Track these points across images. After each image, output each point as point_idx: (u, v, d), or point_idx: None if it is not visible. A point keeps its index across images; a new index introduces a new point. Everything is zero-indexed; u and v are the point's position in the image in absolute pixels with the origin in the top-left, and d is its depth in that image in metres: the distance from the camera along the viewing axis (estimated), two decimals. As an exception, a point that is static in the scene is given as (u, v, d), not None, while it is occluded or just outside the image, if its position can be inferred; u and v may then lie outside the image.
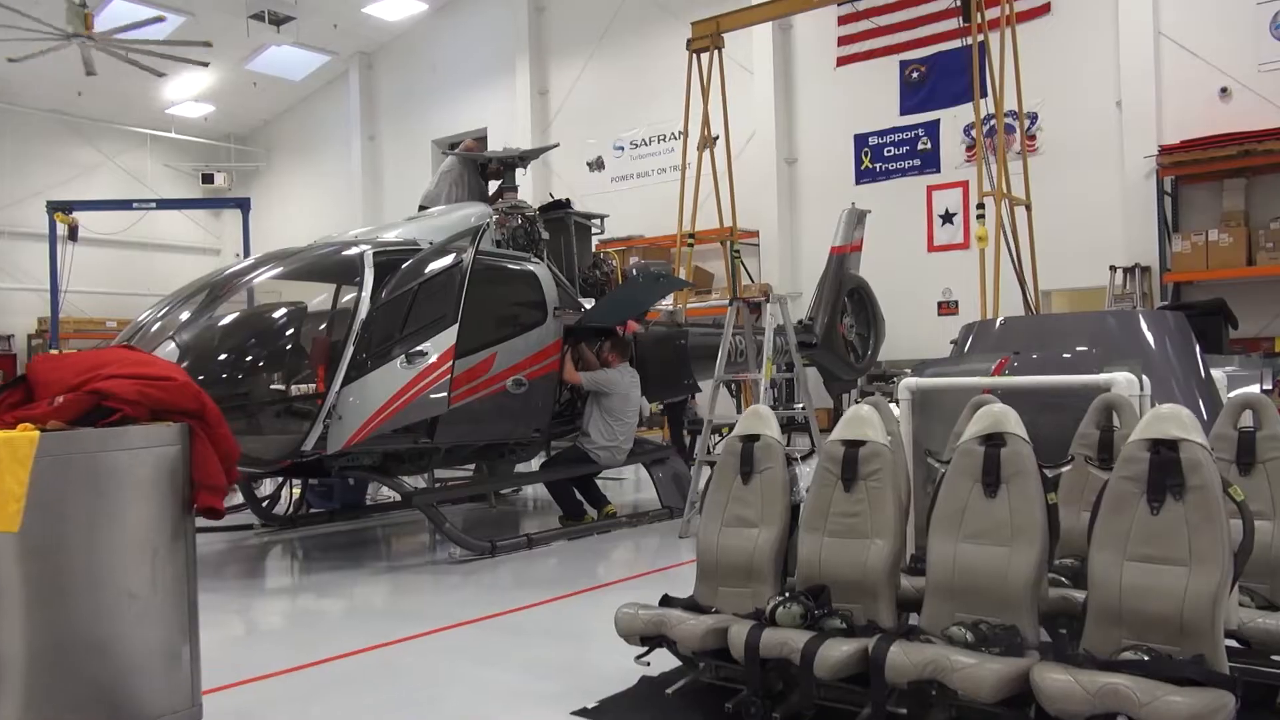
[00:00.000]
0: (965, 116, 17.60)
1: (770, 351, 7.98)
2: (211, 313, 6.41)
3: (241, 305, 6.57)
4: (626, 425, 8.29)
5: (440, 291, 6.70)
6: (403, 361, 6.40)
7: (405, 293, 6.64)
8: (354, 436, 6.28)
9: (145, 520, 3.04)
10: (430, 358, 6.46)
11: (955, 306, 17.94)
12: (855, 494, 3.80)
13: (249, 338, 6.38)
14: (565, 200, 9.50)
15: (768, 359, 7.94)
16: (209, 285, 6.71)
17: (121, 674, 2.88)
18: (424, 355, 6.45)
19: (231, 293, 6.55)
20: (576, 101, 23.25)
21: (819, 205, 19.44)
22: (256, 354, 6.35)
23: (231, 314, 6.47)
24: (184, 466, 3.13)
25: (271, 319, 6.61)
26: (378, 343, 6.50)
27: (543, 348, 7.72)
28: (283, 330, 6.59)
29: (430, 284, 6.68)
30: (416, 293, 6.62)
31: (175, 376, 3.11)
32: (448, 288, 6.70)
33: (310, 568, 7.02)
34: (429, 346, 6.49)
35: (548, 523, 8.52)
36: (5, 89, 25.27)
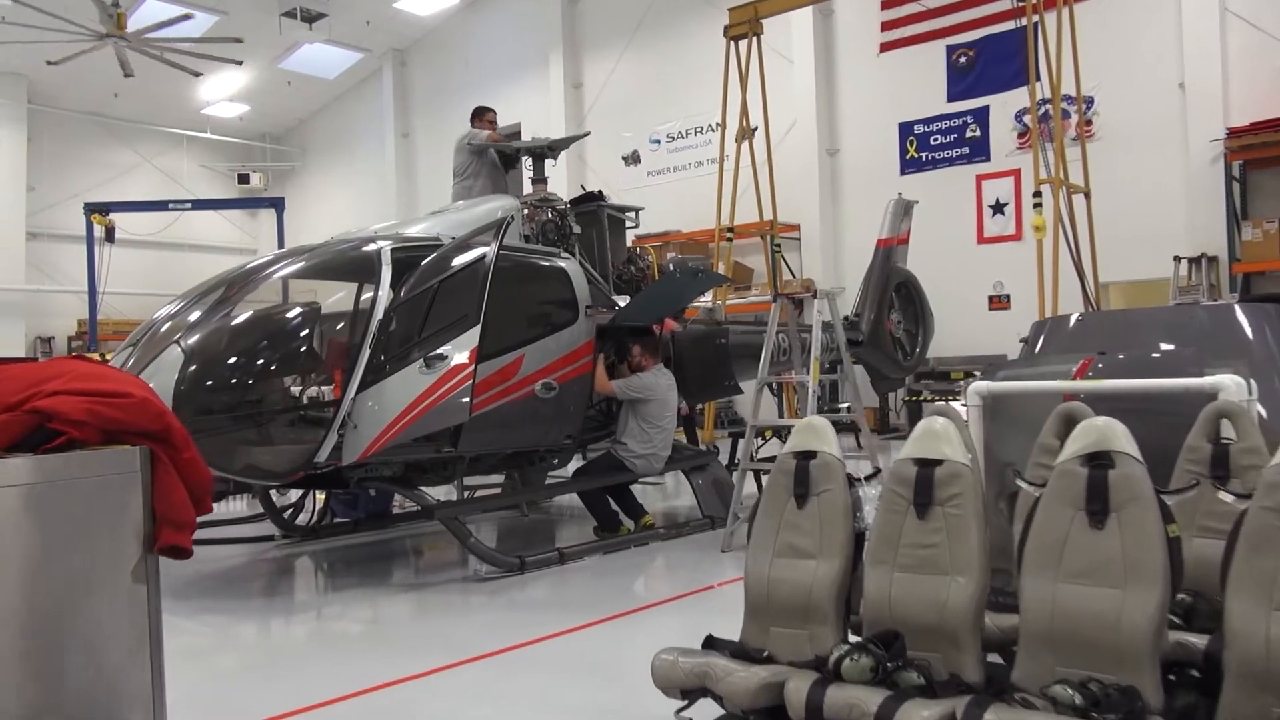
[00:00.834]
0: (1016, 102, 16.87)
1: (818, 350, 7.41)
2: (219, 315, 6.01)
3: (252, 306, 6.15)
4: (664, 431, 7.78)
5: (461, 290, 6.24)
6: (421, 366, 5.95)
7: (424, 292, 6.19)
8: (370, 447, 5.84)
9: (97, 563, 2.58)
10: (451, 361, 6.00)
11: (1007, 301, 17.20)
12: (931, 522, 3.25)
13: (258, 341, 5.97)
14: (598, 192, 9.01)
15: (814, 358, 7.38)
16: (217, 286, 6.31)
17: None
18: (444, 359, 6.00)
19: (241, 293, 6.14)
20: (611, 94, 22.80)
21: (862, 197, 18.79)
22: (266, 358, 5.94)
23: (240, 316, 6.06)
24: (144, 498, 2.66)
25: (282, 321, 6.20)
26: (395, 346, 6.06)
27: (574, 349, 7.23)
28: (294, 333, 6.17)
29: (451, 282, 6.23)
30: (436, 291, 6.17)
31: (133, 392, 2.64)
32: (469, 286, 6.24)
33: (327, 586, 6.60)
34: (449, 349, 6.04)
35: (582, 533, 8.05)
36: (43, 92, 25.40)
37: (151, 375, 5.65)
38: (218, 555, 7.72)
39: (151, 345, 5.88)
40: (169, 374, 5.61)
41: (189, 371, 5.64)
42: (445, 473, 6.91)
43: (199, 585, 6.78)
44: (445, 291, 6.20)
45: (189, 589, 6.67)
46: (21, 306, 25.10)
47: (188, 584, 6.82)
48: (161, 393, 5.41)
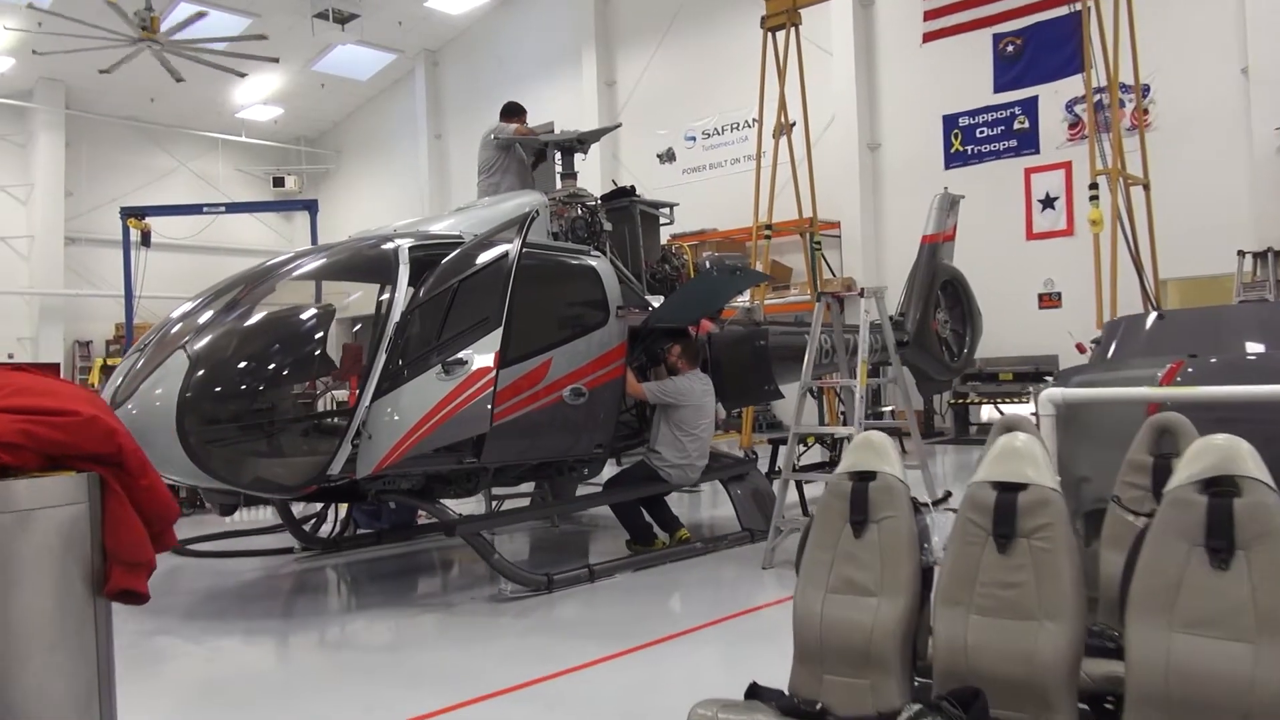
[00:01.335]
0: (1067, 91, 16.18)
1: (865, 353, 6.92)
2: (228, 318, 5.67)
3: (264, 309, 5.80)
4: (700, 439, 7.34)
5: (483, 290, 5.84)
6: (439, 372, 5.56)
7: (443, 292, 5.80)
8: (386, 458, 5.46)
9: (34, 613, 2.20)
10: (471, 366, 5.61)
11: (1058, 299, 16.52)
12: (1014, 556, 2.78)
13: (268, 346, 5.62)
14: (630, 188, 8.59)
15: (863, 361, 6.89)
16: (228, 288, 5.98)
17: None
18: (464, 364, 5.61)
19: (251, 295, 5.80)
20: (645, 91, 22.38)
21: (904, 193, 18.19)
22: (277, 364, 5.59)
23: (250, 319, 5.71)
24: (92, 534, 2.27)
25: (294, 324, 5.85)
26: (413, 350, 5.69)
27: (604, 352, 6.81)
28: (307, 337, 5.82)
29: (471, 282, 5.83)
30: (456, 292, 5.78)
31: (79, 409, 2.25)
32: (491, 286, 5.85)
33: (346, 605, 6.24)
34: (470, 353, 5.65)
35: (614, 546, 7.63)
36: (80, 98, 25.56)
37: (157, 382, 5.33)
38: (234, 569, 7.42)
39: (158, 351, 5.56)
40: (174, 381, 5.28)
41: (195, 378, 5.31)
42: (469, 485, 6.52)
43: (212, 602, 6.46)
44: (465, 292, 5.80)
45: (201, 607, 6.35)
46: (61, 311, 25.27)
47: (200, 601, 6.50)
48: (166, 401, 5.08)
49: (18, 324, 24.60)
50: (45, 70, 23.69)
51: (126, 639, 5.73)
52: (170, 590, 6.93)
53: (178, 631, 5.68)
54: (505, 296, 5.70)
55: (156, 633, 5.67)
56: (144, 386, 5.31)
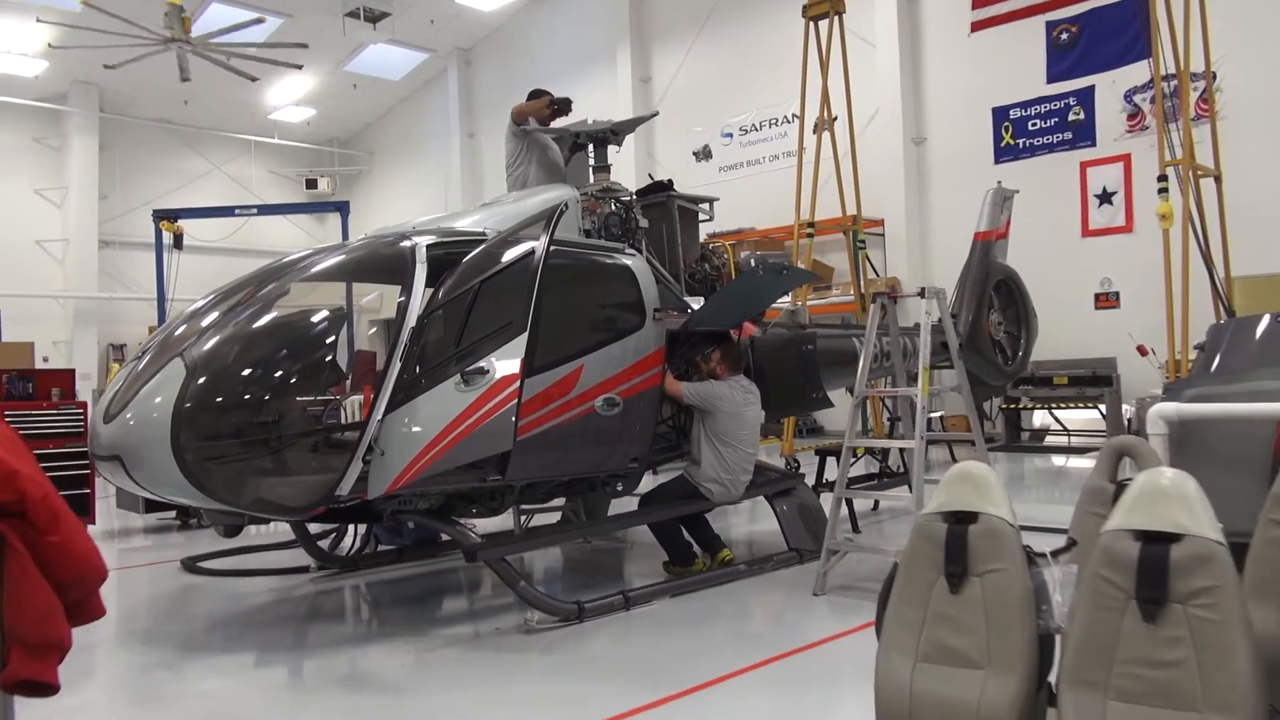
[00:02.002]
0: (1126, 80, 15.39)
1: (927, 357, 6.31)
2: (230, 323, 5.19)
3: (269, 312, 5.32)
4: (742, 452, 6.76)
5: (506, 291, 5.32)
6: (458, 382, 5.04)
7: (463, 294, 5.28)
8: (400, 477, 4.95)
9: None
10: (493, 375, 5.08)
11: (1116, 299, 15.70)
12: (1166, 628, 2.19)
13: (273, 353, 5.13)
14: (667, 182, 8.03)
15: (924, 368, 6.28)
16: (234, 289, 5.51)
17: None
18: (485, 373, 5.08)
19: (256, 298, 5.32)
20: (681, 87, 21.82)
21: (951, 190, 17.47)
22: (282, 374, 5.10)
23: (255, 324, 5.23)
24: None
25: (301, 330, 5.34)
26: (430, 358, 5.18)
27: (640, 358, 6.26)
28: (315, 343, 5.31)
29: (494, 283, 5.31)
30: (477, 294, 5.26)
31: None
32: (516, 286, 5.32)
33: (360, 634, 5.72)
34: (492, 361, 5.13)
35: (650, 567, 7.09)
36: (114, 101, 25.53)
37: (151, 393, 4.86)
38: (245, 589, 6.96)
39: (154, 358, 5.10)
40: (170, 391, 4.81)
41: (193, 388, 4.83)
42: (493, 503, 5.99)
43: (218, 630, 6.00)
44: (487, 294, 5.27)
45: (206, 636, 5.89)
46: (95, 314, 25.24)
47: (205, 629, 6.05)
48: (161, 413, 4.61)
49: (53, 328, 24.58)
50: (79, 73, 23.71)
51: (122, 672, 5.29)
52: (174, 615, 6.49)
53: (176, 666, 5.22)
54: (531, 299, 5.16)
55: (154, 666, 5.22)
56: (138, 397, 4.85)
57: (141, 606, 6.88)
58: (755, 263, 6.36)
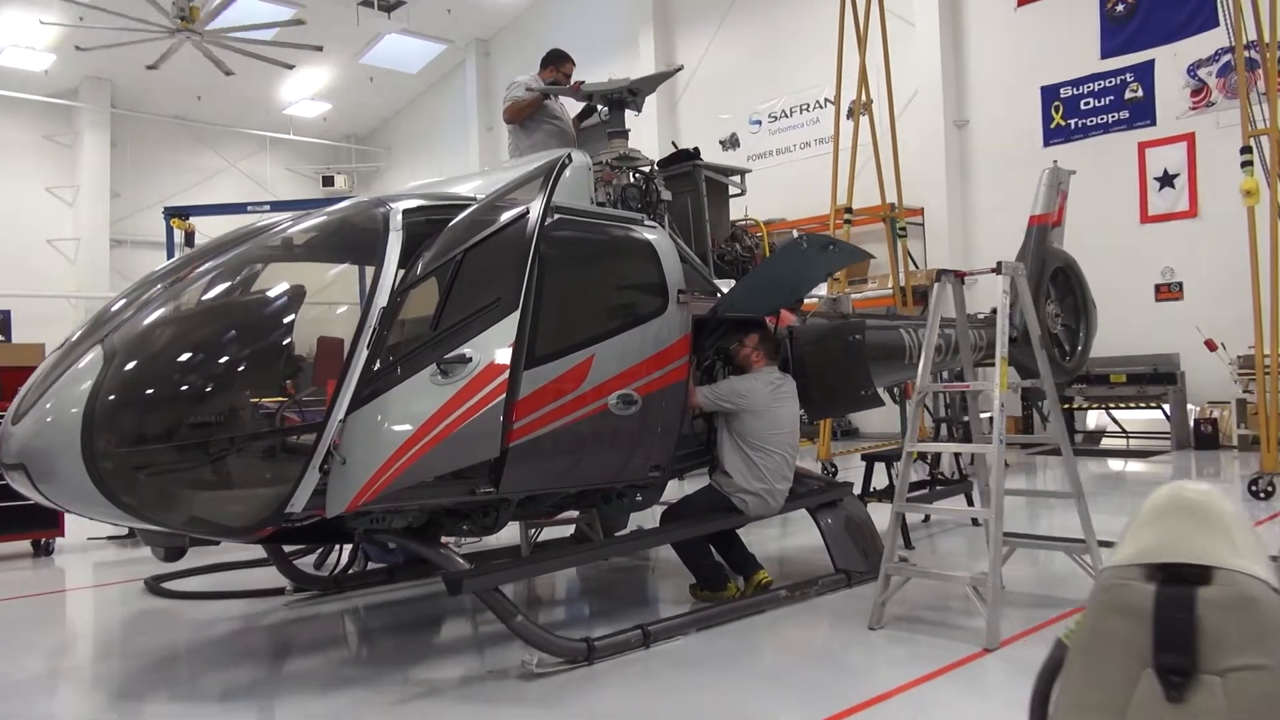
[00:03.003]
0: (1189, 53, 14.23)
1: (1004, 346, 5.30)
2: (165, 305, 4.28)
3: (214, 291, 4.41)
4: (777, 456, 5.78)
5: (494, 263, 4.37)
6: (435, 373, 4.11)
7: (443, 267, 4.34)
8: (363, 491, 4.02)
9: None
10: (477, 365, 4.13)
11: (1179, 290, 14.52)
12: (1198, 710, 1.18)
13: (213, 340, 4.21)
14: (693, 150, 7.07)
15: (1001, 358, 5.28)
16: (174, 268, 4.61)
17: None
18: (467, 362, 4.13)
19: (200, 274, 4.42)
20: (706, 74, 20.84)
21: (996, 176, 16.38)
22: (223, 365, 4.17)
23: (195, 304, 4.33)
24: None
25: (248, 312, 4.40)
26: (402, 345, 4.24)
27: (662, 348, 5.30)
28: (265, 328, 4.35)
29: (479, 253, 4.36)
30: (459, 266, 4.33)
31: None
32: (506, 258, 4.37)
33: (332, 677, 4.76)
34: (475, 348, 4.19)
35: (675, 590, 6.16)
36: (126, 97, 24.96)
37: (63, 389, 3.97)
38: (210, 615, 6.08)
39: (73, 346, 4.20)
40: (83, 386, 3.91)
41: (112, 383, 3.93)
42: (486, 520, 5.04)
43: (171, 668, 5.12)
44: (472, 266, 4.32)
45: (156, 675, 5.00)
46: (106, 315, 24.62)
47: (156, 665, 5.15)
48: (71, 412, 3.71)
49: (64, 328, 23.87)
50: (90, 69, 23.13)
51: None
52: (122, 649, 5.60)
53: (122, 711, 4.33)
54: (525, 272, 4.17)
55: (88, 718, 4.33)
56: (47, 394, 3.96)
57: (87, 637, 6.02)
58: (800, 237, 5.36)
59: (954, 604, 5.54)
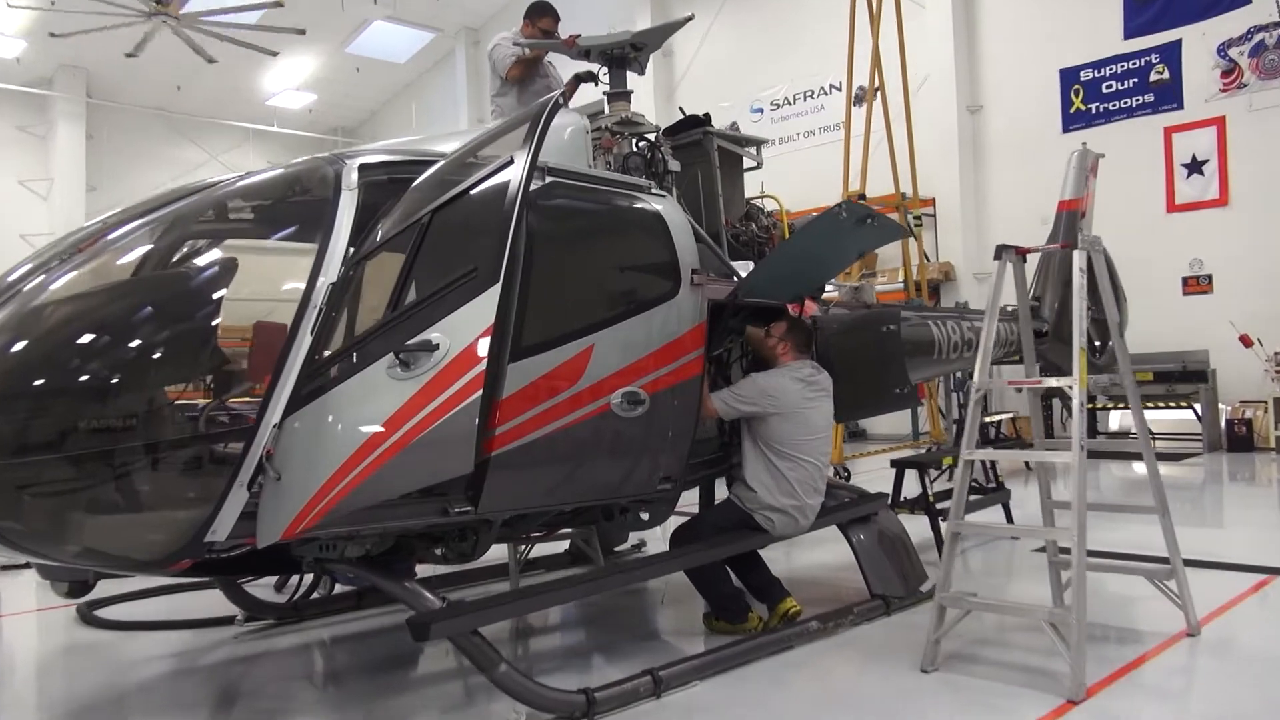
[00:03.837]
0: (1219, 32, 13.44)
1: (1082, 335, 4.49)
2: (57, 283, 3.43)
3: (125, 265, 3.56)
4: (808, 466, 4.96)
5: (470, 227, 3.49)
6: (393, 365, 3.26)
7: (407, 233, 3.48)
8: (302, 516, 3.18)
9: None
10: (446, 354, 3.28)
11: (1208, 283, 13.71)
12: None
13: (114, 327, 3.34)
14: (704, 116, 6.24)
15: (1080, 348, 4.47)
16: (82, 239, 3.75)
17: None
18: (432, 350, 3.29)
19: (113, 243, 3.57)
20: (705, 61, 19.99)
21: (1012, 164, 15.57)
22: (122, 357, 3.30)
23: (95, 282, 3.47)
24: None
25: (163, 291, 3.51)
26: (353, 329, 3.40)
27: (674, 337, 4.47)
28: (179, 312, 3.44)
29: (450, 215, 3.49)
30: (425, 232, 3.48)
31: None
32: (484, 220, 3.48)
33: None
34: (445, 332, 3.33)
35: (688, 620, 5.32)
36: (102, 87, 24.02)
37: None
38: (145, 650, 5.23)
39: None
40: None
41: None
42: (464, 545, 4.20)
43: (89, 717, 4.24)
44: (442, 230, 3.47)
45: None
46: (82, 313, 23.69)
47: (72, 716, 4.28)
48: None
49: (38, 327, 23.06)
50: (65, 57, 22.23)
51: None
52: (39, 697, 4.73)
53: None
54: (507, 239, 3.29)
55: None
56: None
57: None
58: (840, 207, 4.51)
59: (1017, 638, 4.72)
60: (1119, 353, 5.00)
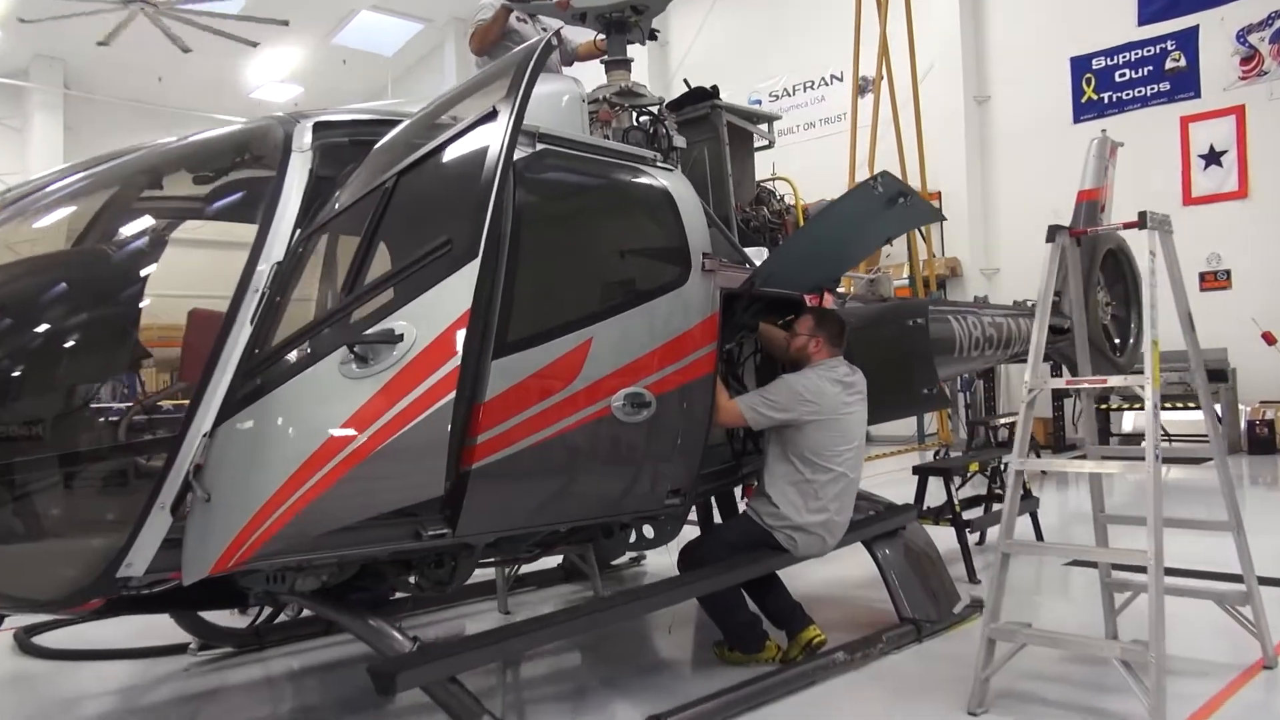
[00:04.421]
0: (1239, 18, 12.89)
1: (1153, 326, 3.95)
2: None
3: (33, 241, 2.97)
4: (839, 478, 4.37)
5: (442, 195, 2.89)
6: (346, 360, 2.67)
7: (368, 200, 2.89)
8: (236, 545, 2.59)
9: None
10: (412, 347, 2.68)
11: (1226, 278, 13.18)
12: None
13: (9, 312, 2.74)
14: (710, 89, 5.66)
15: (1152, 341, 3.93)
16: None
17: None
18: (394, 342, 2.68)
19: (14, 218, 2.97)
20: (702, 51, 19.41)
21: (1020, 156, 15.02)
22: (18, 350, 2.70)
23: None
24: None
25: (70, 271, 2.90)
26: (299, 318, 2.81)
27: (683, 331, 3.89)
28: (93, 296, 2.85)
29: (420, 179, 2.88)
30: (389, 198, 2.89)
31: None
32: (458, 186, 2.89)
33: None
34: (411, 319, 2.74)
35: (696, 649, 4.77)
36: (81, 78, 23.34)
37: None
38: (85, 684, 4.63)
39: None
40: None
41: None
42: (440, 573, 3.61)
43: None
44: (408, 198, 2.87)
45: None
46: (59, 311, 23.01)
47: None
48: None
49: (14, 326, 22.37)
50: (41, 46, 21.57)
51: None
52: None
53: None
54: (488, 205, 2.69)
55: None
56: None
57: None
58: (875, 181, 3.92)
59: (1074, 671, 4.16)
60: (1190, 346, 4.44)
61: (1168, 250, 4.24)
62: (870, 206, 4.23)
